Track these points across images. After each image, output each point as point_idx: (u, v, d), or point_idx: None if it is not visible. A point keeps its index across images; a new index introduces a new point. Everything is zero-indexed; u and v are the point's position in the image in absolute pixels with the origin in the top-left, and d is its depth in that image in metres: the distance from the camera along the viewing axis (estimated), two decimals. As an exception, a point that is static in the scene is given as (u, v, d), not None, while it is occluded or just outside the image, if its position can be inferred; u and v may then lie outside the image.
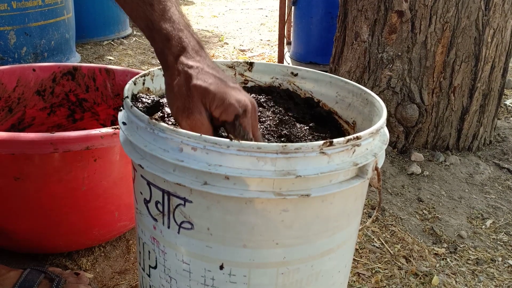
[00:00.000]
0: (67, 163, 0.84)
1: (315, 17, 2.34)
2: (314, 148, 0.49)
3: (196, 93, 0.51)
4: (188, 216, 0.54)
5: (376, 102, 0.65)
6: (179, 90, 0.52)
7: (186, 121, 0.52)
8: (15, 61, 1.89)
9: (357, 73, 1.58)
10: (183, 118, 0.52)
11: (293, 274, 0.57)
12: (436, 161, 1.49)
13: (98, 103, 1.25)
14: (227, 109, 0.52)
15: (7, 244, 0.97)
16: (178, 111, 0.53)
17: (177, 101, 0.53)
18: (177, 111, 0.53)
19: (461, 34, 1.43)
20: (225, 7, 4.40)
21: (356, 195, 0.58)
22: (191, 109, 0.51)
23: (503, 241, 1.17)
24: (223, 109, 0.52)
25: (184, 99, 0.52)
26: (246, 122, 0.53)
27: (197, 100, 0.51)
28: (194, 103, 0.51)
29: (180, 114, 0.52)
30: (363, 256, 1.09)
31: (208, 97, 0.51)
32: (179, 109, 0.52)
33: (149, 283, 0.64)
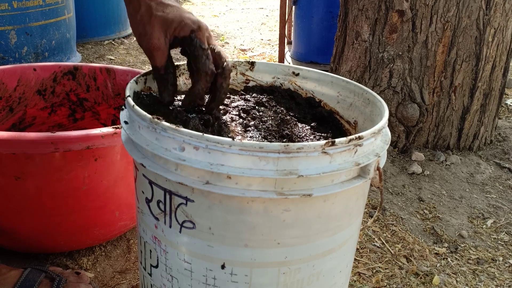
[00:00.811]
0: (67, 163, 0.84)
1: (316, 17, 2.34)
2: (316, 148, 0.49)
3: (157, 23, 0.59)
4: (190, 216, 0.54)
5: (377, 102, 0.65)
6: (141, 19, 0.60)
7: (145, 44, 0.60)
8: (16, 60, 1.89)
9: (358, 72, 1.58)
10: (143, 42, 0.60)
11: (294, 274, 0.57)
12: (437, 160, 1.49)
13: (98, 103, 1.25)
14: (184, 27, 0.60)
15: (8, 244, 0.97)
16: (140, 36, 0.61)
17: (139, 28, 0.60)
18: (140, 37, 0.61)
19: (462, 33, 1.43)
20: (225, 6, 4.40)
21: (358, 195, 0.58)
22: (151, 34, 0.59)
23: (504, 241, 1.17)
24: (180, 28, 0.60)
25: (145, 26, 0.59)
26: (201, 35, 0.61)
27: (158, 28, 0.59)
28: (153, 30, 0.59)
29: (142, 39, 0.60)
30: (364, 256, 1.09)
31: (167, 24, 0.59)
32: (141, 35, 0.60)
33: (150, 283, 0.64)
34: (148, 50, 0.60)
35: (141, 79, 0.68)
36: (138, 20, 0.60)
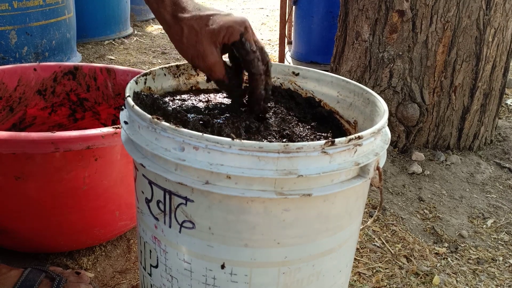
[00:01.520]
0: (68, 163, 0.84)
1: (316, 17, 2.34)
2: (316, 147, 0.49)
3: (204, 38, 0.60)
4: (190, 215, 0.54)
5: (377, 101, 0.65)
6: (188, 41, 0.61)
7: (203, 64, 0.61)
8: (16, 60, 1.89)
9: (358, 72, 1.58)
10: (200, 63, 0.61)
11: (294, 274, 0.57)
12: (437, 160, 1.49)
13: (99, 103, 1.25)
14: (232, 33, 0.60)
15: (8, 243, 0.97)
16: (193, 58, 0.62)
17: (190, 51, 0.61)
18: (193, 58, 0.62)
19: (462, 33, 1.43)
20: (226, 6, 4.40)
21: (358, 195, 0.58)
22: (204, 52, 0.60)
23: (504, 241, 1.17)
24: (229, 35, 0.60)
25: (195, 47, 0.60)
26: (249, 36, 0.62)
27: (207, 43, 0.60)
28: (204, 47, 0.60)
29: (196, 60, 0.61)
30: (364, 256, 1.09)
31: (214, 35, 0.60)
32: (194, 56, 0.61)
33: (150, 282, 0.64)
34: (207, 68, 0.62)
35: (141, 79, 0.68)
36: (185, 44, 0.61)
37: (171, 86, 0.74)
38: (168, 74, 0.74)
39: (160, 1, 0.61)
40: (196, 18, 0.60)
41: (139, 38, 2.94)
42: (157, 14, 0.63)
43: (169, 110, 0.65)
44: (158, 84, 0.72)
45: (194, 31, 0.60)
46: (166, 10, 0.61)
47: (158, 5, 0.61)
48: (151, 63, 2.51)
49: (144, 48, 2.78)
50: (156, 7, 0.62)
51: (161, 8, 0.62)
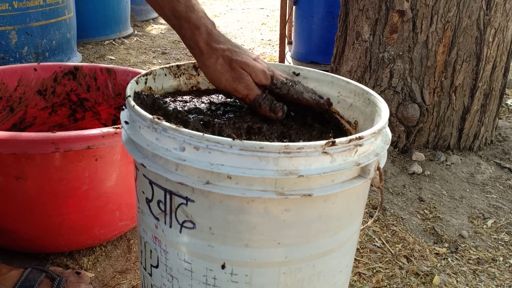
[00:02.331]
0: (68, 163, 0.84)
1: (316, 17, 2.34)
2: (317, 147, 0.49)
3: (238, 66, 0.65)
4: (190, 216, 0.54)
5: (378, 102, 0.65)
6: (222, 67, 0.66)
7: (240, 85, 0.66)
8: (16, 60, 1.89)
9: (358, 72, 1.58)
10: (237, 84, 0.66)
11: (294, 274, 0.57)
12: (437, 160, 1.49)
13: (99, 103, 1.25)
14: (265, 75, 0.67)
15: (8, 244, 0.97)
16: (228, 82, 0.66)
17: (224, 76, 0.66)
18: (227, 82, 0.66)
19: (463, 33, 1.43)
20: (226, 6, 4.40)
21: (358, 195, 0.58)
22: (240, 76, 0.65)
23: (504, 241, 1.17)
24: (262, 76, 0.67)
25: (230, 72, 0.65)
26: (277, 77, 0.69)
27: (241, 70, 0.66)
28: (239, 72, 0.66)
29: (232, 83, 0.66)
30: (364, 256, 1.09)
31: (248, 68, 0.66)
32: (229, 80, 0.66)
33: (151, 283, 0.64)
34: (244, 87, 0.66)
35: (142, 79, 0.68)
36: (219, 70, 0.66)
37: (171, 86, 0.74)
38: (168, 74, 0.74)
39: (196, 29, 0.66)
40: (231, 51, 0.66)
41: (140, 38, 2.94)
42: (191, 41, 0.67)
43: (170, 110, 0.65)
44: (158, 84, 0.72)
45: (229, 59, 0.65)
46: (201, 38, 0.66)
47: (193, 32, 0.66)
48: (151, 63, 2.51)
49: (145, 48, 2.78)
50: (190, 34, 0.66)
51: (196, 36, 0.66)
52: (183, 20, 0.66)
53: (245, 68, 0.66)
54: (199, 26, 0.66)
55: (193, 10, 0.66)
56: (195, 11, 0.66)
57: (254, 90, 0.66)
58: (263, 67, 0.68)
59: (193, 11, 0.66)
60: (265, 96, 0.67)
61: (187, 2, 0.66)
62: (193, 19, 0.66)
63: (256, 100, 0.66)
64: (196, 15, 0.66)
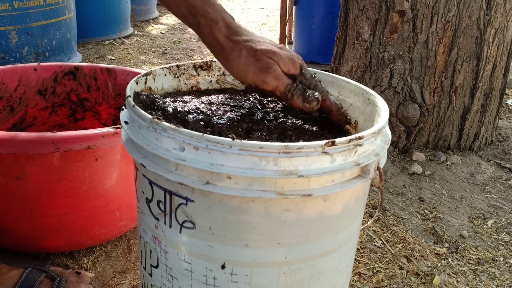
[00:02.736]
0: (68, 163, 0.84)
1: (316, 17, 2.34)
2: (316, 147, 0.49)
3: (264, 55, 0.60)
4: (190, 216, 0.54)
5: (378, 102, 0.65)
6: (246, 59, 0.61)
7: (269, 76, 0.61)
8: (17, 60, 1.89)
9: (358, 72, 1.58)
10: (265, 75, 0.61)
11: (295, 274, 0.57)
12: (437, 160, 1.49)
13: (99, 103, 1.25)
14: (294, 64, 0.63)
15: (8, 244, 0.97)
16: (255, 74, 0.61)
17: (250, 68, 0.61)
18: (254, 74, 0.61)
19: (463, 33, 1.43)
20: (226, 6, 4.40)
21: (358, 195, 0.58)
22: (267, 66, 0.60)
23: (504, 241, 1.17)
24: (290, 65, 0.62)
25: (256, 63, 0.61)
26: (306, 68, 0.65)
27: (267, 59, 0.61)
28: (266, 62, 0.60)
29: (260, 74, 0.61)
30: (364, 256, 1.09)
31: (275, 56, 0.61)
32: (256, 72, 0.61)
33: (151, 283, 0.64)
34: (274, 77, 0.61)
35: (142, 79, 0.68)
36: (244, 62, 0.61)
37: (171, 86, 0.74)
38: (168, 74, 0.74)
39: (214, 24, 0.62)
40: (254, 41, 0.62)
41: (140, 38, 2.94)
42: (209, 37, 0.63)
43: (170, 110, 0.65)
44: (158, 84, 0.72)
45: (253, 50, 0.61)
46: (220, 33, 0.62)
47: (212, 27, 0.62)
48: (151, 63, 2.51)
49: (145, 48, 2.78)
50: (209, 30, 0.63)
51: (215, 31, 0.62)
52: (200, 16, 0.63)
53: (272, 57, 0.61)
54: (217, 20, 0.63)
55: (210, 5, 0.63)
56: (212, 5, 0.63)
57: (284, 79, 0.62)
58: (291, 55, 0.63)
59: (210, 5, 0.63)
60: (297, 86, 0.62)
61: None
62: (210, 14, 0.63)
63: (288, 90, 0.62)
64: (213, 9, 0.63)
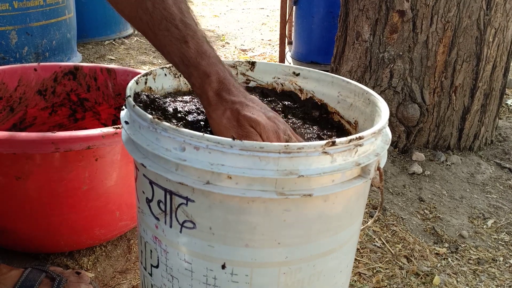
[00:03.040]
0: (68, 163, 0.84)
1: (316, 17, 2.34)
2: (317, 148, 0.49)
3: (247, 123, 0.57)
4: (190, 215, 0.54)
5: (378, 102, 0.65)
6: (228, 122, 0.58)
7: None
8: (17, 60, 1.89)
9: (358, 72, 1.58)
10: None
11: (295, 274, 0.57)
12: (437, 160, 1.49)
13: (99, 103, 1.25)
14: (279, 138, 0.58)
15: (8, 244, 0.97)
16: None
17: (229, 132, 0.58)
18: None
19: (463, 33, 1.43)
20: (226, 6, 4.40)
21: (358, 195, 0.58)
22: (247, 135, 0.57)
23: (504, 241, 1.17)
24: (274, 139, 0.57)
25: (236, 129, 0.57)
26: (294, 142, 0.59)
27: (249, 127, 0.57)
28: (248, 130, 0.57)
29: None
30: (364, 256, 1.09)
31: (259, 127, 0.57)
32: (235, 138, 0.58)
33: (151, 283, 0.64)
34: None
35: (142, 79, 0.68)
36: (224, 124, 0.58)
37: (171, 86, 0.74)
38: (168, 74, 0.74)
39: (206, 77, 0.59)
40: (243, 104, 0.59)
41: (140, 38, 2.94)
42: (199, 89, 0.60)
43: (170, 110, 0.65)
44: (158, 84, 0.72)
45: (237, 114, 0.58)
46: (211, 87, 0.59)
47: (203, 81, 0.59)
48: (151, 63, 2.51)
49: (145, 48, 2.78)
50: (200, 83, 0.60)
51: (206, 85, 0.59)
52: (192, 67, 0.60)
53: (255, 127, 0.57)
54: (209, 74, 0.59)
55: (205, 57, 0.60)
56: (207, 57, 0.60)
57: None
58: (277, 128, 0.59)
59: (204, 57, 0.59)
60: None
61: (199, 47, 0.60)
62: (203, 66, 0.59)
63: None
64: (207, 62, 0.59)
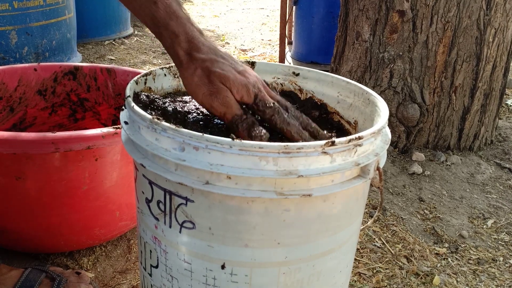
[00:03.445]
0: (68, 163, 0.84)
1: (316, 17, 2.34)
2: (316, 147, 0.49)
3: (217, 79, 0.58)
4: (190, 216, 0.54)
5: (378, 102, 0.65)
6: (200, 80, 0.59)
7: (217, 101, 0.58)
8: (17, 61, 1.89)
9: (358, 72, 1.58)
10: (213, 100, 0.58)
11: (294, 274, 0.57)
12: (437, 160, 1.49)
13: (99, 103, 1.25)
14: (248, 92, 0.59)
15: (8, 244, 0.97)
16: (204, 96, 0.59)
17: (201, 89, 0.59)
18: (204, 97, 0.59)
19: (463, 33, 1.43)
20: (226, 6, 4.40)
21: (358, 195, 0.58)
22: (217, 91, 0.58)
23: (504, 241, 1.17)
24: (244, 93, 0.59)
25: (208, 86, 0.58)
26: (262, 97, 0.60)
27: (219, 83, 0.58)
28: (218, 86, 0.58)
29: (209, 98, 0.58)
30: (364, 256, 1.09)
31: (228, 82, 0.58)
32: (206, 95, 0.58)
33: (151, 283, 0.64)
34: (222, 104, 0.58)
35: (141, 79, 0.68)
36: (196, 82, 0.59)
37: (171, 86, 0.74)
38: (168, 74, 0.74)
39: (175, 37, 0.60)
40: (214, 61, 0.59)
41: (140, 38, 2.94)
42: (170, 49, 0.61)
43: (169, 110, 0.65)
44: (158, 85, 0.72)
45: (208, 71, 0.58)
46: (180, 47, 0.60)
47: (173, 41, 0.60)
48: (151, 63, 2.51)
49: (145, 48, 2.78)
50: (170, 43, 0.60)
51: (176, 45, 0.60)
52: (162, 28, 0.60)
53: (225, 82, 0.58)
54: (178, 34, 0.60)
55: (174, 17, 0.60)
56: (176, 18, 0.60)
57: (233, 108, 0.58)
58: (247, 82, 0.59)
59: (173, 17, 0.60)
60: (245, 118, 0.58)
61: (168, 7, 0.60)
62: (172, 26, 0.60)
63: (234, 121, 0.58)
64: (176, 22, 0.60)
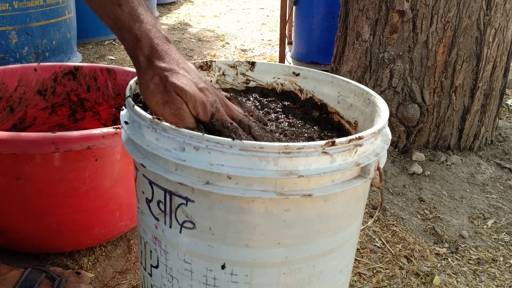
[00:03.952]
0: (68, 163, 0.84)
1: (316, 17, 2.34)
2: (316, 148, 0.49)
3: (173, 90, 0.55)
4: (190, 216, 0.54)
5: (378, 102, 0.65)
6: (155, 87, 0.56)
7: (169, 110, 0.55)
8: (17, 61, 1.89)
9: (358, 72, 1.58)
10: (166, 109, 0.55)
11: (294, 274, 0.57)
12: (437, 161, 1.49)
13: (99, 103, 1.25)
14: (204, 110, 0.56)
15: (8, 244, 0.97)
16: (158, 104, 0.56)
17: (156, 97, 0.56)
18: (157, 105, 0.56)
19: (463, 33, 1.43)
20: (226, 6, 4.40)
21: (358, 195, 0.58)
22: (172, 101, 0.55)
23: (504, 241, 1.17)
24: (200, 110, 0.56)
25: (162, 94, 0.56)
26: (220, 117, 0.58)
27: (175, 94, 0.55)
28: (173, 97, 0.55)
29: (161, 106, 0.56)
30: (364, 256, 1.09)
31: (185, 96, 0.55)
32: (159, 103, 0.56)
33: (151, 283, 0.64)
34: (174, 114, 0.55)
35: (142, 79, 0.68)
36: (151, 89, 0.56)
37: (171, 86, 0.74)
38: (168, 74, 0.73)
39: (137, 41, 0.58)
40: (172, 71, 0.56)
41: (140, 38, 2.94)
42: (131, 53, 0.59)
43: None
44: (158, 84, 0.72)
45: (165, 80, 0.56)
46: (141, 52, 0.58)
47: (134, 44, 0.58)
48: (151, 63, 2.50)
49: (145, 48, 2.77)
50: (131, 47, 0.58)
51: (137, 50, 0.58)
52: (125, 31, 0.58)
53: (181, 95, 0.55)
54: (140, 38, 0.57)
55: (138, 21, 0.58)
56: (140, 22, 0.58)
57: (185, 121, 0.55)
58: (205, 100, 0.57)
59: (137, 21, 0.58)
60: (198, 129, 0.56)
61: (132, 11, 0.58)
62: (135, 30, 0.58)
63: None
64: (139, 26, 0.58)
